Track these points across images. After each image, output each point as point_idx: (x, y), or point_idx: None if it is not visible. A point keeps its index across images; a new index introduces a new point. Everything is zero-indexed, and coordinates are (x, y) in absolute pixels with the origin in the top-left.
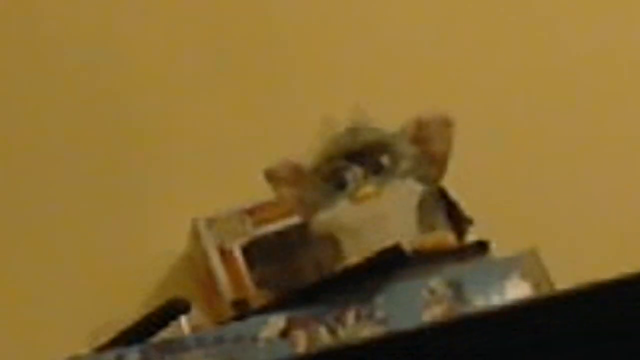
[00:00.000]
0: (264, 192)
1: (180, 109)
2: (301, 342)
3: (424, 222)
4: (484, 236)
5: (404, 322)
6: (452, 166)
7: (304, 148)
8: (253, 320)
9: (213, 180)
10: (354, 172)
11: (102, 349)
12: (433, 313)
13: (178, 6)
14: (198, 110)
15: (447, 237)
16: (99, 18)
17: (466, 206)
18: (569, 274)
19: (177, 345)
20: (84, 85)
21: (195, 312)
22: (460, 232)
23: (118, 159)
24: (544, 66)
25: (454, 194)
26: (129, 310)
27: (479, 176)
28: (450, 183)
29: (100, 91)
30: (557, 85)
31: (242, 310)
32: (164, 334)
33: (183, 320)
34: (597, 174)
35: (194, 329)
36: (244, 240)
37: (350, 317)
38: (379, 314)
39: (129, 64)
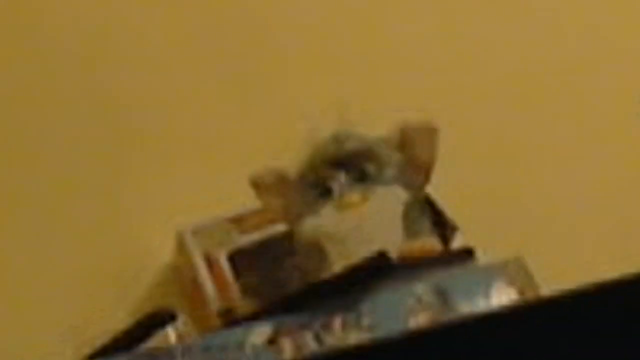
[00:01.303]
0: (250, 201)
1: (165, 119)
2: (288, 350)
3: (410, 229)
4: (469, 243)
5: (390, 329)
6: (438, 173)
7: (289, 156)
8: (239, 329)
9: (198, 188)
10: (339, 180)
11: (88, 359)
12: (419, 320)
13: (159, 11)
14: (183, 120)
15: (432, 244)
16: (81, 10)
17: (451, 213)
18: (554, 280)
19: (163, 354)
20: (68, 95)
21: (181, 321)
22: (445, 238)
23: (102, 169)
24: (531, 73)
25: (439, 200)
26: (115, 320)
27: (464, 183)
28: (436, 190)
29: (85, 100)
30: (544, 93)
31: (228, 319)
32: (150, 344)
33: (169, 329)
34: (583, 180)
35: (180, 338)
36: (229, 248)
37: (336, 324)
38: (365, 321)
39: (111, 73)
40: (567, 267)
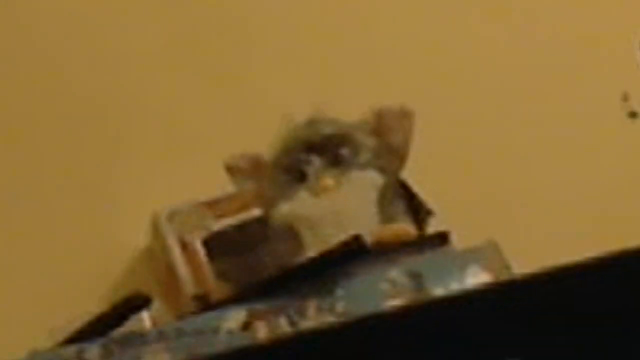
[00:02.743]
0: (225, 185)
1: (141, 102)
2: (262, 334)
3: (384, 214)
4: (444, 227)
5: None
6: (412, 157)
7: (265, 141)
8: (214, 313)
9: (173, 173)
10: (314, 164)
11: (63, 343)
12: (393, 304)
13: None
14: (158, 104)
15: (407, 229)
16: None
17: (426, 197)
18: (529, 266)
19: (138, 338)
20: (46, 80)
21: (156, 306)
22: (420, 223)
23: (78, 153)
24: (504, 58)
25: (414, 185)
26: (90, 304)
27: (439, 167)
28: (411, 174)
29: (62, 85)
30: (517, 78)
31: (203, 303)
32: (125, 328)
33: (144, 314)
34: (556, 165)
35: (155, 323)
36: (204, 233)
37: (311, 309)
38: (340, 305)
39: (91, 59)
40: (541, 253)
